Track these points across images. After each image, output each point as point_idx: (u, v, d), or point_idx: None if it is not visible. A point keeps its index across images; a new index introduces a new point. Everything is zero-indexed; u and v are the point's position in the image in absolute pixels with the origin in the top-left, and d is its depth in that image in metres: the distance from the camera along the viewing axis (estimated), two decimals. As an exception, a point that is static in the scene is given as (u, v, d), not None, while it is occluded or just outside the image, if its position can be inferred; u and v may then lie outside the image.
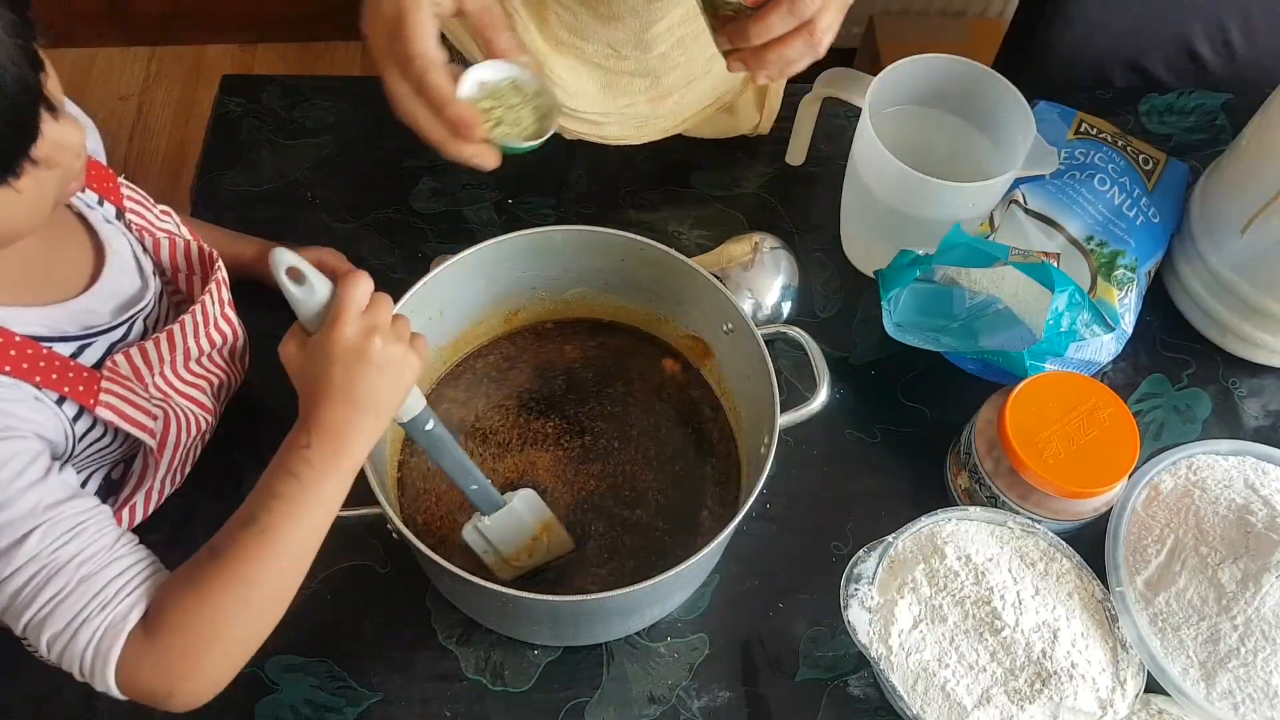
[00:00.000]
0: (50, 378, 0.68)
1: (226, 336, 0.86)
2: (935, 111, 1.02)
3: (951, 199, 0.93)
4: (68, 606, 0.62)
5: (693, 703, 0.85)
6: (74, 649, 0.63)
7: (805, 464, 0.96)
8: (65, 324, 0.71)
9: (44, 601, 0.62)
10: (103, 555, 0.64)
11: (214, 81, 1.18)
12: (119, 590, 0.64)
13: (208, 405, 0.87)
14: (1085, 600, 0.84)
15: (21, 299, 0.69)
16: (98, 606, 0.63)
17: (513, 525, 0.83)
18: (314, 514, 0.67)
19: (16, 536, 0.62)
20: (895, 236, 0.98)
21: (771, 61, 0.75)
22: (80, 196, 0.77)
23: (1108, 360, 0.99)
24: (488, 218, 1.09)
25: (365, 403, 0.67)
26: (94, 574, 0.63)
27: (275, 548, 0.65)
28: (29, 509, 0.63)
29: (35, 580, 0.62)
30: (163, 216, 0.84)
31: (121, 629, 0.63)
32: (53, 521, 0.63)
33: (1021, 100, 0.95)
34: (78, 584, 0.63)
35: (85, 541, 0.64)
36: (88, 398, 0.70)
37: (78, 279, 0.74)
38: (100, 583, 0.63)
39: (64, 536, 0.63)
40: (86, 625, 0.62)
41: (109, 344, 0.75)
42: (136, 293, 0.78)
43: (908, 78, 0.98)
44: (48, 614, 0.62)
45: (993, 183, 0.93)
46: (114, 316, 0.75)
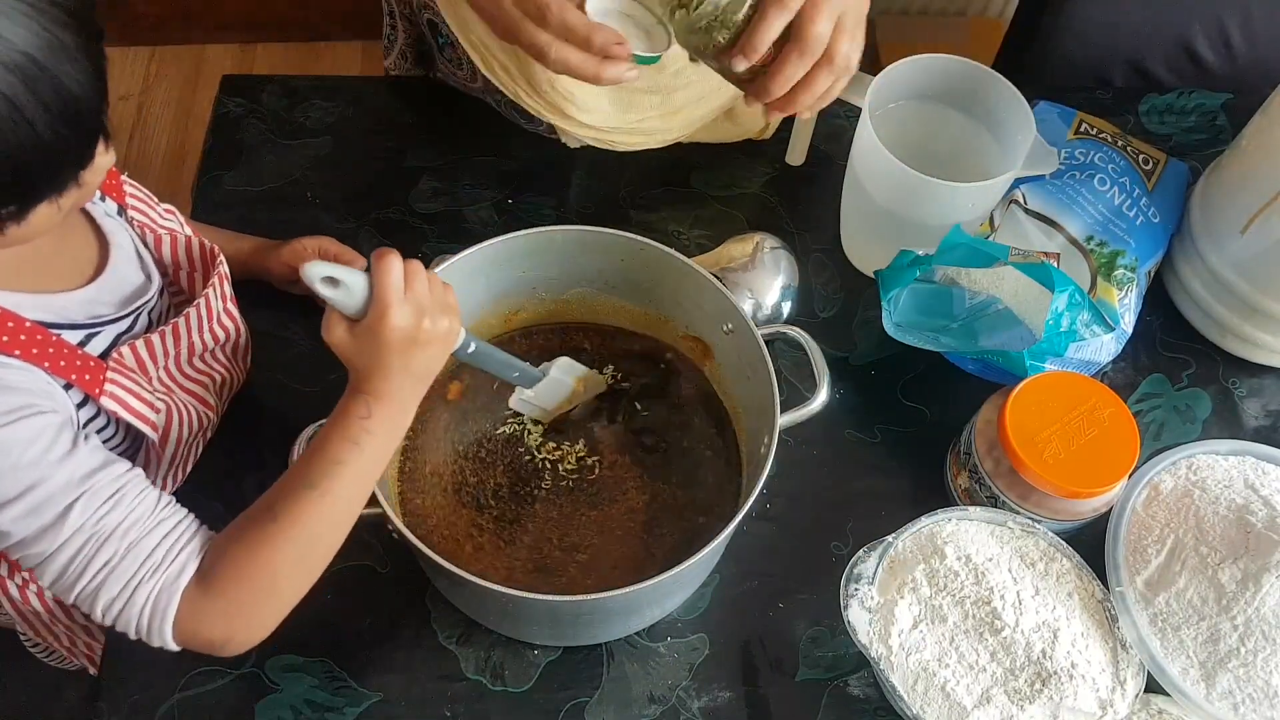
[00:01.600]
0: (59, 364, 0.69)
1: (229, 332, 0.86)
2: (936, 111, 1.02)
3: (951, 199, 0.93)
4: (120, 573, 0.65)
5: (693, 703, 0.85)
6: (130, 612, 0.66)
7: (805, 464, 0.96)
8: (73, 312, 0.72)
9: (95, 571, 0.65)
10: (147, 519, 0.66)
11: (214, 81, 1.18)
12: (168, 551, 0.66)
13: (210, 402, 0.87)
14: (1085, 600, 0.84)
15: (29, 287, 0.70)
16: (150, 570, 0.66)
17: (553, 389, 0.89)
18: (372, 475, 0.71)
19: (59, 510, 0.64)
20: (895, 237, 0.98)
21: (804, 100, 0.78)
22: None
23: (1108, 360, 0.99)
24: (488, 218, 1.09)
25: (421, 374, 0.72)
26: (141, 539, 0.66)
27: (335, 509, 0.69)
28: (65, 481, 0.64)
29: (84, 551, 0.64)
30: (166, 215, 0.85)
31: (176, 588, 0.66)
32: (92, 491, 0.65)
33: (1021, 100, 0.95)
34: (126, 550, 0.65)
35: (128, 508, 0.66)
36: (93, 386, 0.71)
37: (83, 271, 0.75)
38: (149, 546, 0.66)
39: (106, 505, 0.65)
40: (141, 588, 0.65)
41: (115, 334, 0.76)
42: (140, 286, 0.79)
43: (908, 77, 0.98)
44: (101, 582, 0.65)
45: (993, 183, 0.93)
46: (119, 308, 0.76)
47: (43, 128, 0.58)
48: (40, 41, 0.56)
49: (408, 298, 0.68)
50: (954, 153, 1.01)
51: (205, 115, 1.16)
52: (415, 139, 1.14)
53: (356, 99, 1.17)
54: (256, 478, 0.88)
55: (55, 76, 0.57)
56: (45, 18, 0.57)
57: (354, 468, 0.69)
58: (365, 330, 0.68)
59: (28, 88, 0.56)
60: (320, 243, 0.98)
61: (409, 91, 1.18)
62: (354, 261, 0.99)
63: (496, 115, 1.15)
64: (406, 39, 1.12)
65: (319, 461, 0.69)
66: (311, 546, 0.69)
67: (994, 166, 0.97)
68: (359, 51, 2.35)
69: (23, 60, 0.56)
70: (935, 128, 1.02)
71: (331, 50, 2.34)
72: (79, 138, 0.62)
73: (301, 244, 0.97)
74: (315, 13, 2.28)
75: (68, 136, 0.60)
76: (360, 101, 1.16)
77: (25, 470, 0.63)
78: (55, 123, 0.58)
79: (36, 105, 0.57)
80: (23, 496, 0.63)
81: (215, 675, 0.83)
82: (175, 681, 0.83)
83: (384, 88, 1.19)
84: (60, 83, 0.58)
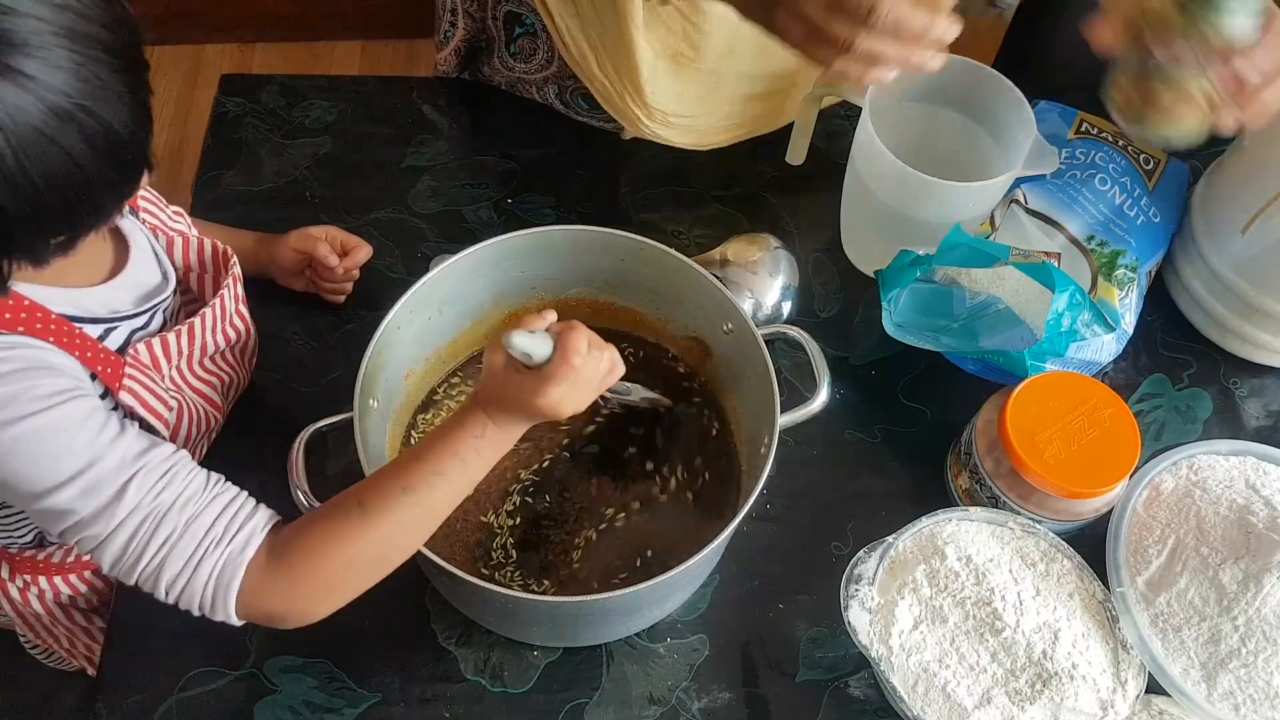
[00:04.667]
0: (85, 355, 0.70)
1: (240, 333, 0.87)
2: (936, 110, 1.01)
3: (952, 198, 0.93)
4: (181, 549, 0.66)
5: (693, 704, 0.85)
6: (194, 587, 0.66)
7: (805, 464, 0.96)
8: (94, 307, 0.73)
9: (156, 548, 0.65)
10: (201, 496, 0.67)
11: (213, 81, 1.18)
12: (227, 525, 0.67)
13: (217, 403, 0.87)
14: (1086, 601, 0.84)
15: (53, 282, 0.70)
16: (211, 544, 0.66)
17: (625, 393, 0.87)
18: (467, 487, 0.72)
19: (116, 488, 0.64)
20: (895, 236, 0.97)
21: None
22: None
23: (1108, 360, 0.99)
24: (487, 217, 1.08)
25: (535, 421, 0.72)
26: (199, 514, 0.66)
27: (424, 515, 0.70)
28: (119, 461, 0.65)
29: (143, 529, 0.65)
30: (175, 217, 0.86)
31: (241, 561, 0.66)
32: (145, 469, 0.66)
33: (1022, 99, 0.95)
34: (185, 526, 0.66)
35: (181, 485, 0.67)
36: (113, 380, 0.72)
37: (102, 267, 0.76)
38: (208, 521, 0.66)
39: (160, 483, 0.66)
40: (205, 562, 0.66)
41: (131, 330, 0.76)
42: (158, 284, 0.80)
43: (909, 76, 0.97)
44: (163, 559, 0.65)
45: (993, 182, 0.93)
46: (137, 304, 0.77)
47: (90, 168, 0.59)
48: (86, 87, 0.57)
49: (567, 388, 0.69)
50: (954, 152, 1.01)
51: (204, 114, 1.16)
52: (415, 139, 1.14)
53: (356, 98, 1.16)
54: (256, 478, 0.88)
55: (100, 118, 0.58)
56: (89, 60, 0.57)
57: (452, 482, 0.70)
58: (519, 383, 0.69)
59: (75, 131, 0.57)
60: (328, 230, 0.99)
61: (409, 91, 1.18)
62: (359, 246, 0.99)
63: (498, 115, 1.15)
64: (465, 34, 1.12)
65: (421, 469, 0.69)
66: (392, 547, 0.70)
67: (994, 166, 0.97)
68: (358, 51, 2.35)
69: (68, 105, 0.56)
70: (935, 127, 1.02)
71: (331, 50, 2.34)
72: (126, 174, 0.63)
73: (309, 230, 0.98)
74: (315, 12, 2.28)
75: (115, 174, 0.61)
76: (359, 101, 1.16)
77: (81, 450, 0.64)
78: (101, 162, 0.59)
79: (83, 147, 0.58)
80: (80, 475, 0.64)
81: (214, 676, 0.83)
82: (174, 682, 0.83)
83: (384, 87, 1.19)
84: (106, 124, 0.58)
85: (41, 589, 0.92)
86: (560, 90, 1.12)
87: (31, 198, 0.57)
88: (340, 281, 0.99)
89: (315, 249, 0.96)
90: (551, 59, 1.09)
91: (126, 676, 0.83)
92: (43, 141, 0.56)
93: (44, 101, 0.55)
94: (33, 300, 0.67)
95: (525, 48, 1.10)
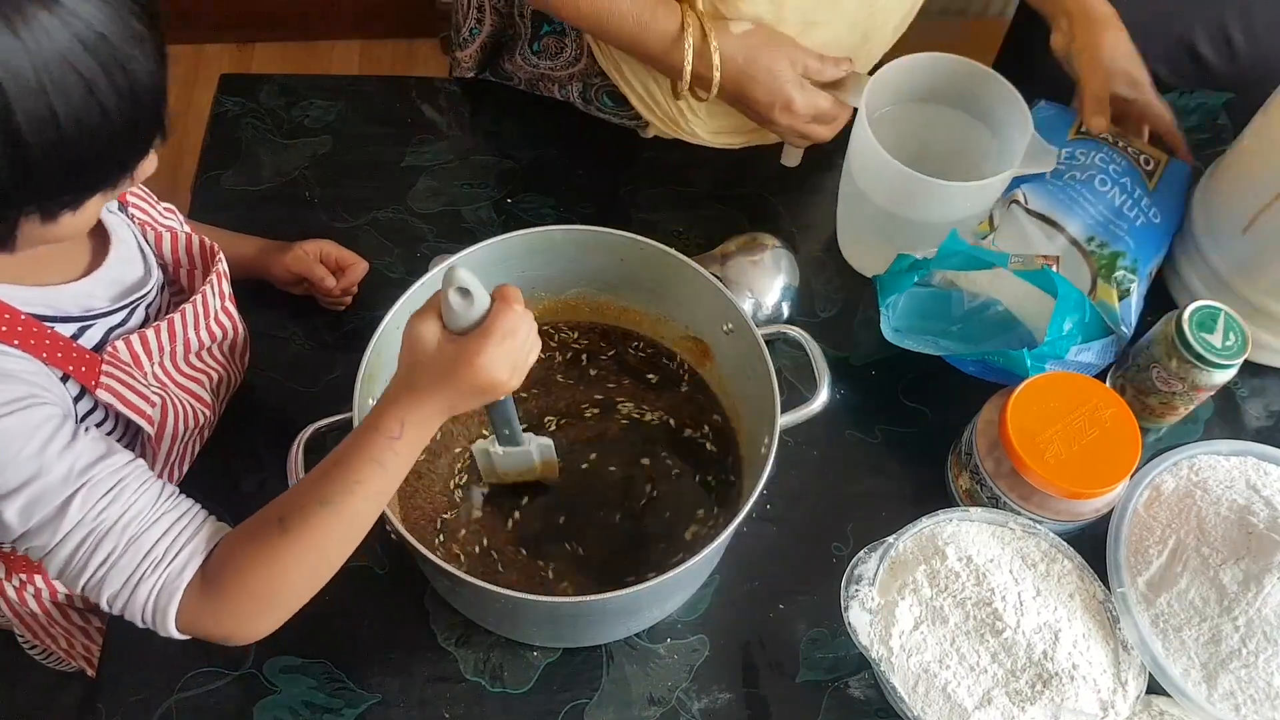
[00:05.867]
0: (55, 356, 0.69)
1: (226, 330, 0.86)
2: (932, 108, 1.01)
3: (948, 198, 0.93)
4: (121, 569, 0.65)
5: (693, 704, 0.85)
6: (133, 606, 0.66)
7: (805, 464, 0.96)
8: (66, 305, 0.72)
9: (96, 566, 0.65)
10: (147, 514, 0.66)
11: (212, 81, 1.18)
12: (168, 548, 0.66)
13: (206, 400, 0.87)
14: (1086, 601, 0.84)
15: (24, 279, 0.70)
16: (150, 566, 0.65)
17: (522, 460, 0.86)
18: (386, 496, 0.70)
19: (58, 503, 0.64)
20: (893, 238, 0.97)
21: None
22: None
23: (1108, 362, 0.99)
24: (487, 217, 1.08)
25: (455, 411, 0.69)
26: (141, 534, 0.65)
27: (349, 525, 0.68)
28: (65, 473, 0.64)
29: (85, 546, 0.64)
30: (166, 214, 0.85)
31: (177, 585, 0.66)
32: (91, 483, 0.65)
33: (1018, 98, 0.95)
34: (126, 545, 0.65)
35: (128, 501, 0.66)
36: (89, 379, 0.71)
37: (79, 263, 0.75)
38: (149, 542, 0.66)
39: (105, 498, 0.65)
40: (143, 584, 0.65)
41: (107, 328, 0.75)
42: (138, 280, 0.79)
43: (904, 77, 0.98)
44: (103, 577, 0.65)
45: (989, 182, 0.93)
46: (113, 301, 0.76)
47: (113, 112, 0.59)
48: (112, 24, 0.57)
49: (506, 344, 0.66)
50: (952, 152, 1.01)
51: (203, 114, 1.16)
52: (414, 139, 1.14)
53: (355, 98, 1.16)
54: (255, 478, 0.88)
55: (128, 61, 0.58)
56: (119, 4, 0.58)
57: (372, 488, 0.68)
58: (456, 349, 0.66)
59: (103, 69, 0.57)
60: (321, 246, 0.98)
61: (408, 91, 1.18)
62: (355, 264, 0.99)
63: (498, 114, 1.15)
64: (491, 30, 1.12)
65: (337, 479, 0.67)
66: (320, 560, 0.69)
67: (992, 165, 0.97)
68: (357, 51, 2.34)
69: (98, 41, 0.57)
70: (932, 128, 1.02)
71: (330, 49, 2.34)
72: (145, 126, 0.62)
73: (303, 248, 0.98)
74: (314, 12, 2.27)
75: (135, 124, 0.61)
76: (358, 101, 1.16)
77: (26, 462, 0.63)
78: (124, 107, 0.59)
79: (110, 88, 0.58)
80: (23, 488, 0.63)
81: (214, 676, 0.83)
82: (173, 683, 0.83)
83: (383, 87, 1.19)
84: (132, 68, 0.59)
85: (38, 588, 0.92)
86: (585, 88, 1.12)
87: (55, 135, 0.57)
88: (339, 298, 1.00)
89: (311, 272, 0.97)
90: (579, 56, 1.08)
91: (126, 676, 0.83)
92: (69, 73, 0.56)
93: (71, 29, 0.55)
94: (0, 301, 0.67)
95: (550, 46, 1.09)
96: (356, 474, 0.67)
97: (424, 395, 0.67)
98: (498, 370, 0.67)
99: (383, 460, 0.67)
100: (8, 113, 0.55)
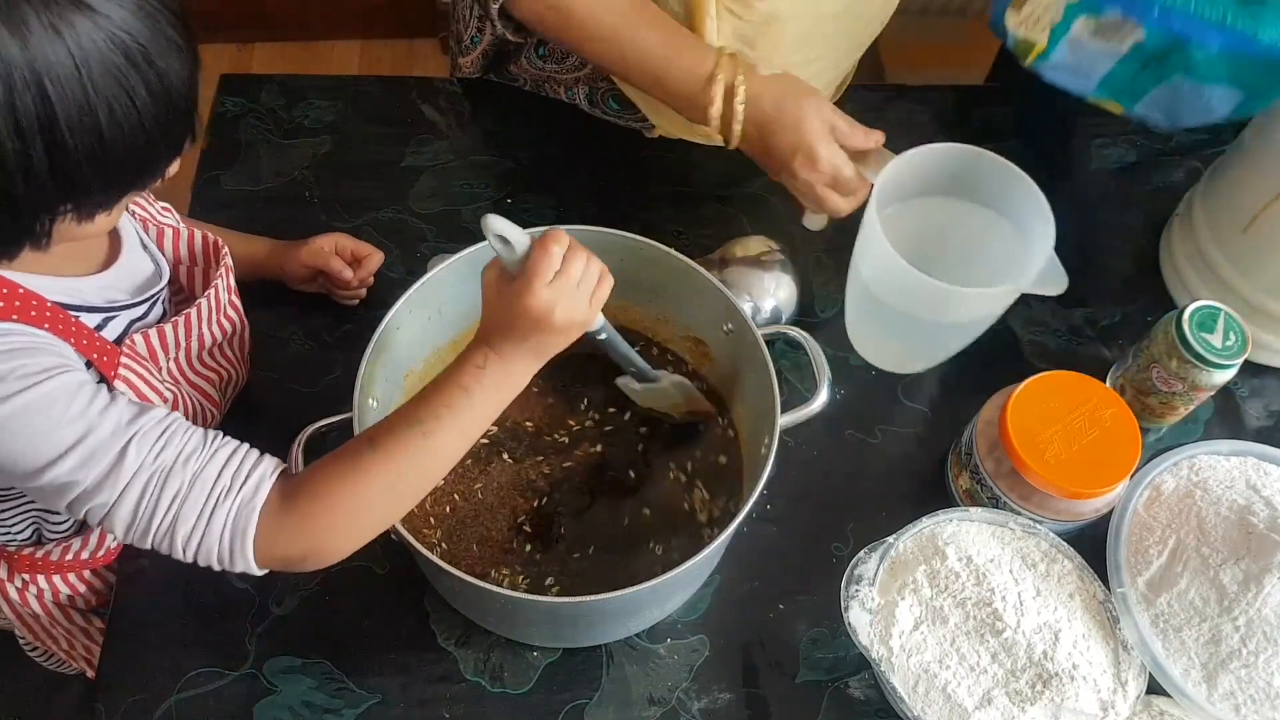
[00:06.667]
0: (81, 343, 0.70)
1: (235, 325, 0.87)
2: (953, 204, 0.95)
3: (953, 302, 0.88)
4: (192, 502, 0.65)
5: (693, 704, 0.85)
6: (210, 539, 0.66)
7: (805, 464, 0.96)
8: (90, 296, 0.73)
9: (167, 505, 0.65)
10: (202, 451, 0.67)
11: (212, 81, 1.18)
12: (234, 474, 0.67)
13: (214, 399, 0.88)
14: (1087, 601, 0.84)
15: (49, 271, 0.70)
16: (221, 494, 0.66)
17: (663, 396, 0.90)
18: (475, 425, 0.71)
19: (115, 454, 0.64)
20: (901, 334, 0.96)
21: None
22: None
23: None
24: (487, 217, 1.08)
25: (539, 352, 0.72)
26: (204, 468, 0.66)
27: (433, 450, 0.70)
28: (114, 427, 0.65)
29: (150, 490, 0.65)
30: (163, 212, 0.86)
31: (253, 506, 0.66)
32: (142, 432, 0.65)
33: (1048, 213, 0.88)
34: (192, 480, 0.66)
35: (180, 443, 0.66)
36: (109, 369, 0.72)
37: (96, 258, 0.76)
38: (214, 473, 0.66)
39: (159, 443, 0.66)
40: (218, 513, 0.66)
41: (129, 320, 0.76)
42: (151, 275, 0.80)
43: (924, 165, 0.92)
44: (175, 515, 0.65)
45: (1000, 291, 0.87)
46: (134, 295, 0.77)
47: (149, 116, 0.60)
48: (147, 30, 0.59)
49: (554, 284, 0.69)
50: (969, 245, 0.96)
51: (204, 114, 1.15)
52: (414, 139, 1.14)
53: (355, 98, 1.16)
54: (255, 478, 0.87)
55: (163, 66, 0.60)
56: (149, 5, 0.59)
57: (460, 415, 0.70)
58: (509, 292, 0.70)
59: (140, 75, 0.59)
60: (336, 240, 0.99)
61: (408, 91, 1.18)
62: (371, 255, 1.00)
63: (498, 114, 1.15)
64: (493, 40, 1.11)
65: (427, 403, 0.70)
66: (402, 482, 0.69)
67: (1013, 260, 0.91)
68: (357, 51, 2.35)
69: (132, 44, 0.58)
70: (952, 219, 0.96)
71: (329, 49, 2.34)
72: (177, 129, 0.63)
73: (318, 242, 0.98)
74: (314, 12, 2.27)
75: (167, 127, 0.62)
76: (358, 101, 1.16)
77: (74, 421, 0.64)
78: (160, 111, 0.60)
79: (147, 93, 0.59)
80: (77, 446, 0.64)
81: (213, 677, 0.83)
82: (173, 683, 0.83)
83: (383, 87, 1.19)
84: (166, 73, 0.60)
85: (40, 588, 0.92)
86: (591, 91, 1.12)
87: (95, 138, 0.58)
88: (355, 290, 1.00)
89: (328, 264, 0.97)
90: (585, 62, 1.08)
91: (126, 677, 0.83)
92: (109, 78, 0.57)
93: (110, 36, 0.57)
94: (27, 289, 0.67)
95: (556, 50, 1.09)
96: (445, 398, 0.70)
97: (498, 334, 0.71)
98: (546, 303, 0.69)
99: (469, 387, 0.70)
100: (52, 116, 0.56)
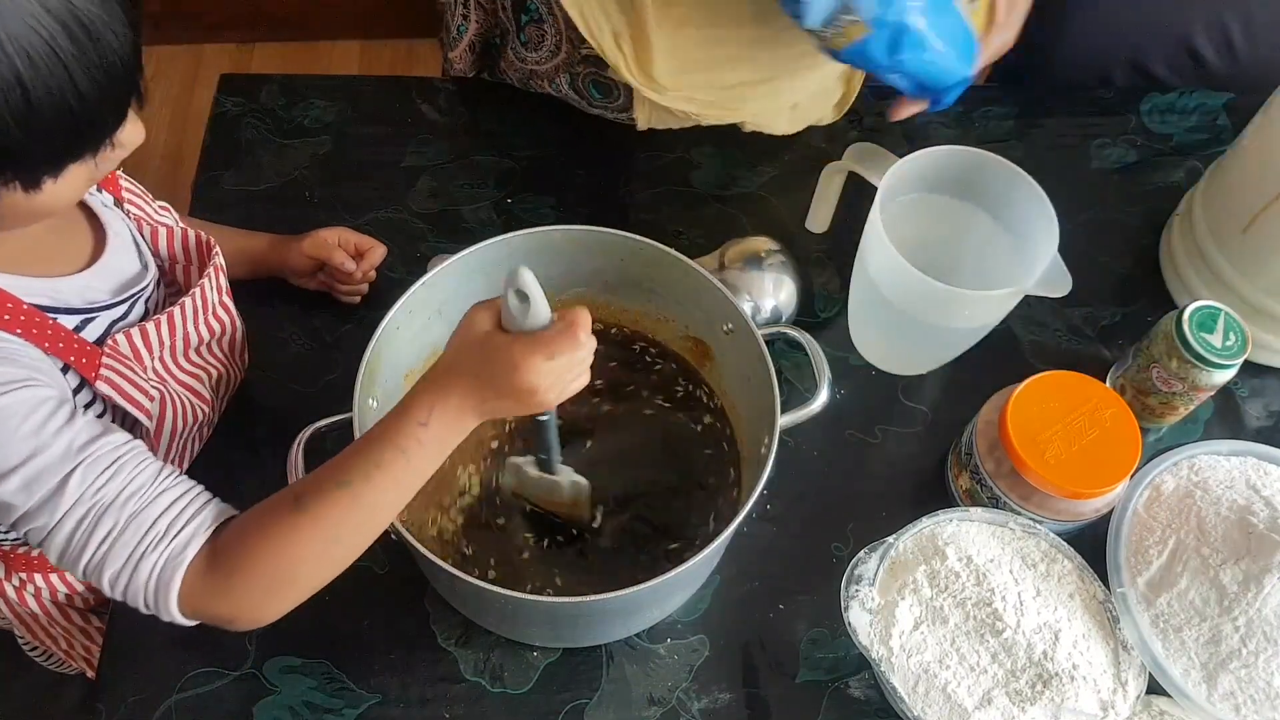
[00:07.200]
0: (57, 346, 0.69)
1: (225, 326, 0.86)
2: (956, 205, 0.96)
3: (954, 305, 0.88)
4: (123, 545, 0.64)
5: (693, 704, 0.85)
6: (135, 584, 0.64)
7: (805, 464, 0.96)
8: (69, 297, 0.72)
9: (97, 544, 0.63)
10: (148, 489, 0.65)
11: (212, 81, 1.18)
12: (170, 523, 0.65)
13: (205, 397, 0.87)
14: (1086, 601, 0.84)
15: (27, 271, 0.70)
16: (152, 542, 0.64)
17: (552, 490, 0.85)
18: (411, 486, 0.67)
19: (57, 480, 0.63)
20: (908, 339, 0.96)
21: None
22: None
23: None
24: (486, 217, 1.08)
25: (494, 413, 0.67)
26: (143, 509, 0.64)
27: (367, 511, 0.66)
28: (64, 451, 0.63)
29: (85, 524, 0.63)
30: (161, 211, 0.85)
31: (180, 561, 0.64)
32: (90, 460, 0.64)
33: (1048, 208, 0.88)
34: (127, 522, 0.64)
35: (127, 477, 0.65)
36: (89, 371, 0.71)
37: (79, 257, 0.75)
38: (151, 517, 0.64)
39: (105, 474, 0.64)
40: (145, 561, 0.64)
41: (110, 321, 0.76)
42: (136, 274, 0.79)
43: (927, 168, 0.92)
44: (104, 554, 0.64)
45: (1005, 293, 0.87)
46: (115, 295, 0.76)
47: (80, 78, 0.58)
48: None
49: (555, 362, 0.64)
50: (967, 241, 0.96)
51: (203, 114, 1.16)
52: (414, 139, 1.14)
53: (355, 98, 1.16)
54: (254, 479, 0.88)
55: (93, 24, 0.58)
56: None
57: (392, 476, 0.66)
58: (501, 346, 0.64)
59: (67, 33, 0.57)
60: (340, 233, 0.99)
61: (408, 91, 1.18)
62: (374, 248, 0.99)
63: (498, 114, 1.15)
64: (478, 28, 1.11)
65: (359, 460, 0.66)
66: (334, 544, 0.66)
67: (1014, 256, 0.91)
68: (357, 51, 2.35)
69: (63, 8, 0.57)
70: (955, 222, 0.97)
71: (330, 49, 2.34)
72: (115, 93, 0.61)
73: (321, 234, 0.98)
74: (314, 12, 2.28)
75: (105, 89, 0.60)
76: (358, 101, 1.16)
77: (23, 440, 0.63)
78: (94, 72, 0.59)
79: (76, 52, 0.58)
80: (21, 467, 0.62)
81: (213, 677, 0.83)
82: (173, 683, 0.83)
83: (383, 87, 1.19)
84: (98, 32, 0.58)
85: (38, 587, 0.92)
86: (572, 79, 1.11)
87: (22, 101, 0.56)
88: (358, 284, 1.00)
89: (331, 256, 0.97)
90: (559, 46, 1.08)
91: (125, 677, 0.83)
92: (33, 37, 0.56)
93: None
94: (2, 290, 0.67)
95: (533, 35, 1.09)
96: (378, 457, 0.65)
97: (460, 383, 0.66)
98: (538, 380, 0.65)
99: (405, 448, 0.65)
100: None
